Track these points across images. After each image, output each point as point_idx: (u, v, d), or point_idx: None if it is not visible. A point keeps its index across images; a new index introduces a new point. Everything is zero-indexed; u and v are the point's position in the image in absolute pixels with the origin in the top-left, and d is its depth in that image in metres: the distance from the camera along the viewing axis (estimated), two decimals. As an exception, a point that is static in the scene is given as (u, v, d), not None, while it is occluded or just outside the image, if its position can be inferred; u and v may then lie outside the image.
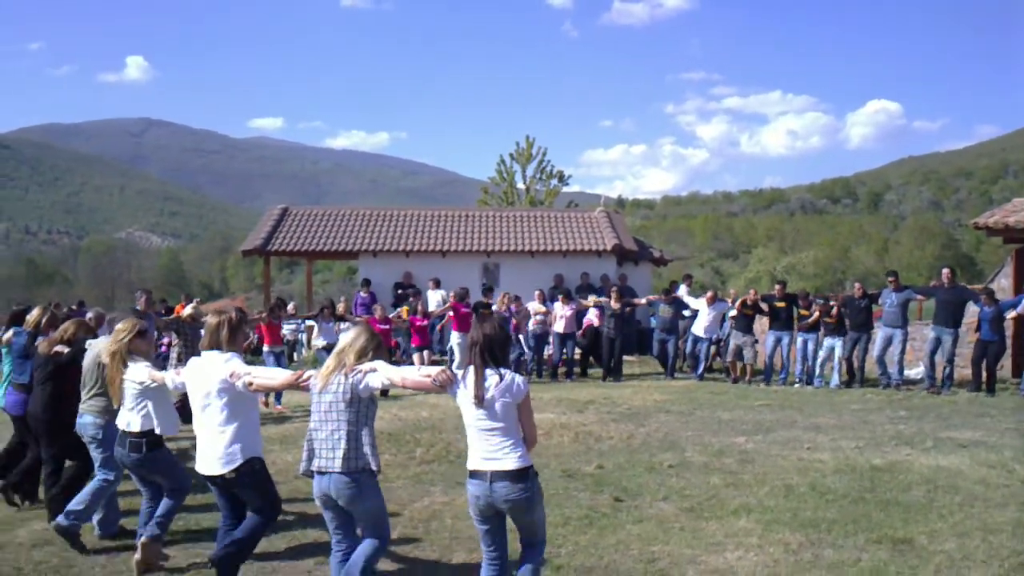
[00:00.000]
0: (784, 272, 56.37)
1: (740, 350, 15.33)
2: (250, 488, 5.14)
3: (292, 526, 6.63)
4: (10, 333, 7.81)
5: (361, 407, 4.67)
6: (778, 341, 15.16)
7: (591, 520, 6.56)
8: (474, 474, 4.47)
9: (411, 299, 17.45)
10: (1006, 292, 15.04)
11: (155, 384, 5.64)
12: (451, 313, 16.21)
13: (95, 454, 6.11)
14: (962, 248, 70.06)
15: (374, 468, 4.68)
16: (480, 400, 4.39)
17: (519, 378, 4.52)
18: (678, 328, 16.54)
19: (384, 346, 4.98)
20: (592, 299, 17.08)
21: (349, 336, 4.82)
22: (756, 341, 15.73)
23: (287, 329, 19.99)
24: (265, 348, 13.38)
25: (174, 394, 5.89)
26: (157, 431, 5.71)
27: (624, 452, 9.13)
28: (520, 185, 39.25)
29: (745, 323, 15.41)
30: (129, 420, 5.68)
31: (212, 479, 5.14)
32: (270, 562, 5.77)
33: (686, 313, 16.61)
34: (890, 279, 14.34)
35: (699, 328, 15.98)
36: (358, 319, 15.31)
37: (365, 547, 4.71)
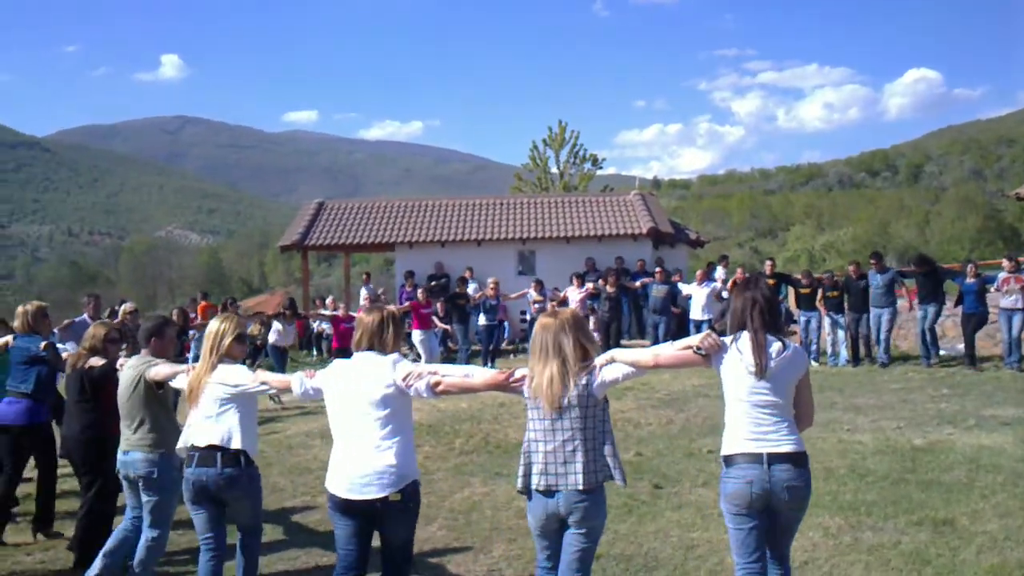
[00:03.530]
0: (823, 250, 55.78)
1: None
2: (405, 517, 4.18)
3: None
4: (8, 337, 6.93)
5: (598, 411, 3.96)
6: None
7: (630, 508, 6.61)
8: (743, 457, 3.85)
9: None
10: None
11: (262, 388, 4.78)
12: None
13: (145, 498, 5.12)
14: (1006, 219, 68.77)
15: (620, 482, 4.02)
16: (763, 369, 3.84)
17: (800, 348, 4.03)
18: (670, 310, 16.77)
19: (582, 320, 4.19)
20: (589, 286, 17.35)
21: (538, 332, 4.06)
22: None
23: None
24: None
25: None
26: (239, 447, 4.69)
27: (663, 438, 9.16)
28: (554, 170, 39.25)
29: None
30: (209, 435, 4.70)
31: (359, 506, 4.11)
32: None
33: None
34: (872, 261, 14.71)
35: (696, 310, 16.12)
36: (324, 313, 15.54)
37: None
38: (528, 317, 17.78)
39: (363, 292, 20.17)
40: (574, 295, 16.66)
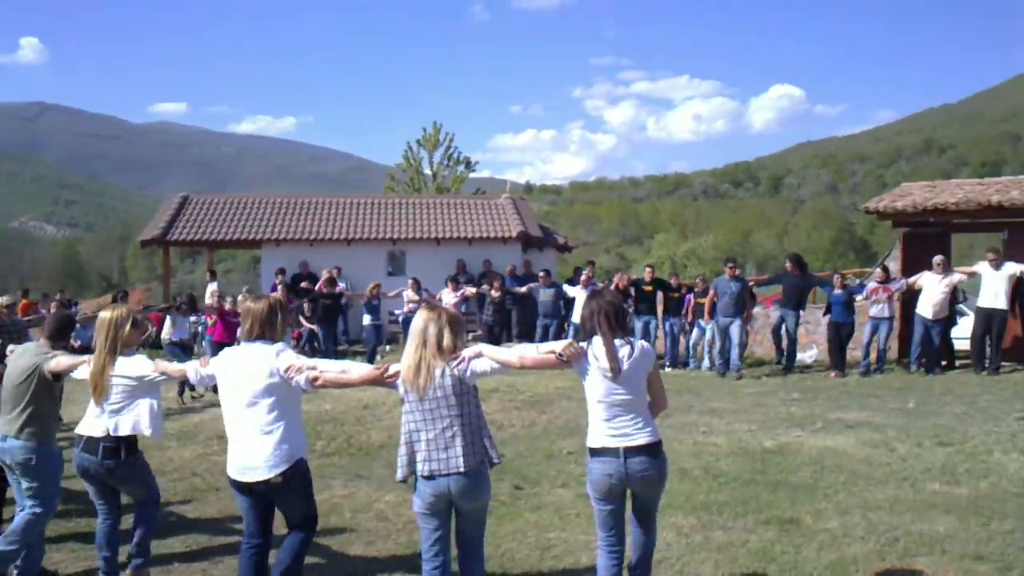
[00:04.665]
0: (684, 257, 57.43)
1: None
2: (298, 495, 4.53)
3: (191, 527, 6.54)
4: None
5: (471, 398, 4.25)
6: (646, 325, 15.47)
7: (489, 509, 6.61)
8: (603, 451, 4.24)
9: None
10: (895, 274, 15.58)
11: (162, 378, 5.04)
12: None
13: (25, 483, 5.17)
14: (857, 231, 72.35)
15: (495, 460, 4.35)
16: (617, 372, 4.17)
17: (646, 344, 4.37)
18: (560, 312, 16.92)
19: (460, 320, 4.44)
20: (469, 290, 17.52)
21: (419, 324, 4.29)
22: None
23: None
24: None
25: None
26: (148, 434, 5.05)
27: (525, 440, 9.24)
28: (427, 171, 39.23)
29: None
30: (107, 425, 4.98)
31: (251, 487, 4.47)
32: (164, 565, 5.68)
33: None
34: (729, 266, 14.66)
35: (577, 315, 16.35)
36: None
37: (479, 567, 4.46)
38: (400, 317, 17.68)
39: (209, 288, 19.62)
40: (449, 298, 16.66)
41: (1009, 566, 5.11)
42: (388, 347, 17.89)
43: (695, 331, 15.35)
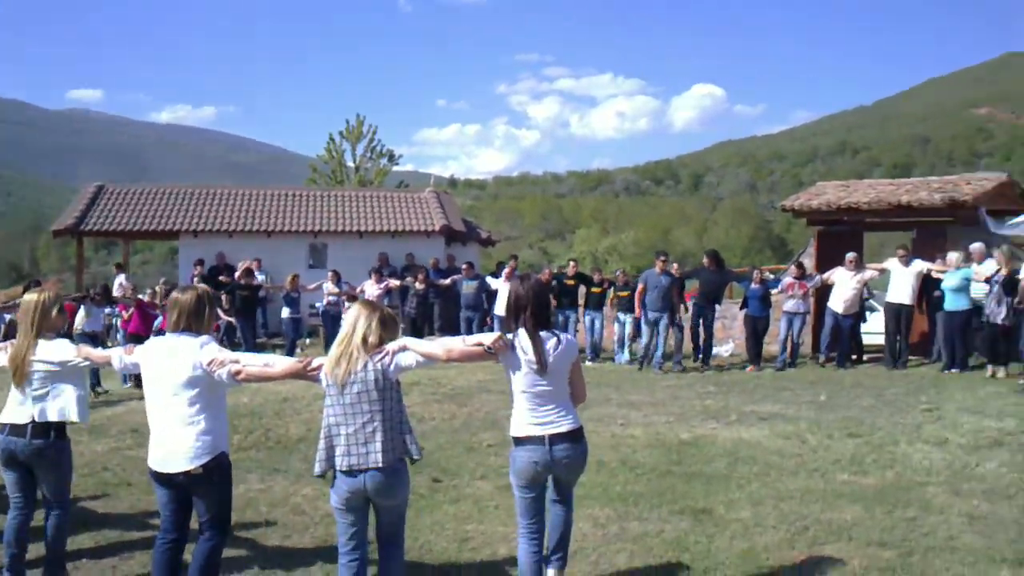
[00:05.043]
0: (606, 253, 58.05)
1: None
2: (215, 489, 4.47)
3: (102, 523, 6.39)
4: None
5: (393, 393, 4.24)
6: (567, 319, 15.65)
7: (409, 502, 6.61)
8: (528, 440, 4.35)
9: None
10: (810, 270, 15.96)
11: (85, 363, 4.98)
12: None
13: None
14: (774, 229, 73.92)
15: (415, 456, 4.32)
16: (544, 365, 4.27)
17: (571, 337, 4.49)
18: (483, 305, 17.01)
19: (395, 320, 4.49)
20: (392, 282, 17.55)
21: (351, 318, 4.31)
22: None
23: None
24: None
25: None
26: (76, 419, 4.94)
27: (446, 432, 9.25)
28: (350, 164, 38.88)
29: None
30: (32, 412, 4.86)
31: (171, 479, 4.42)
32: (73, 561, 5.53)
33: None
34: (659, 259, 14.42)
35: (500, 307, 16.46)
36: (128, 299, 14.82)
37: (398, 561, 4.46)
38: (320, 310, 17.55)
39: (117, 281, 19.18)
40: (372, 290, 16.60)
41: (911, 551, 5.29)
42: (308, 340, 17.74)
43: (615, 325, 15.55)
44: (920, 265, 13.48)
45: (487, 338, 4.31)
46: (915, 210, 14.62)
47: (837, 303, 13.84)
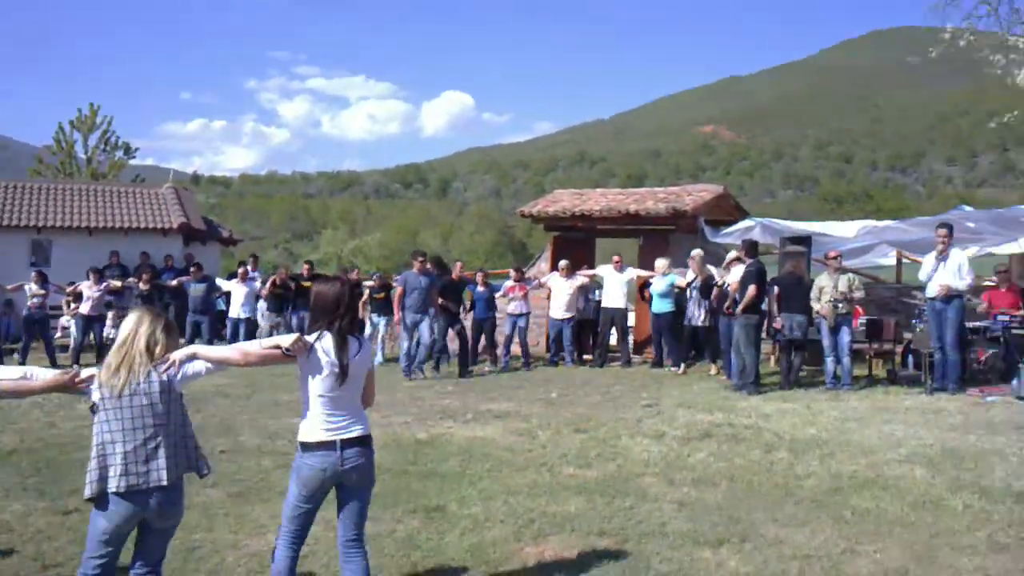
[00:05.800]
0: (352, 254, 57.78)
1: (274, 330, 15.59)
2: None
3: None
4: None
5: (178, 405, 4.04)
6: (301, 321, 15.22)
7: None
8: (320, 445, 4.15)
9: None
10: (544, 274, 16.56)
11: None
12: None
13: None
14: (516, 234, 76.25)
15: (204, 471, 4.19)
16: (346, 371, 4.12)
17: (368, 343, 4.38)
18: (213, 308, 16.67)
19: (175, 328, 4.28)
20: (113, 283, 16.81)
21: (130, 324, 4.04)
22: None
23: None
24: None
25: None
26: None
27: (175, 439, 8.85)
28: (81, 156, 36.33)
29: (276, 304, 15.99)
30: None
31: None
32: None
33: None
34: (418, 260, 13.82)
35: (235, 309, 16.19)
36: None
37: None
38: (23, 312, 16.12)
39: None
40: (90, 291, 15.58)
41: (627, 538, 5.63)
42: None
43: (368, 327, 15.40)
44: (632, 272, 14.91)
45: (285, 340, 4.14)
46: (642, 218, 15.63)
47: (555, 308, 14.80)
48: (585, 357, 15.00)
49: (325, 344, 4.18)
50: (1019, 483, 6.71)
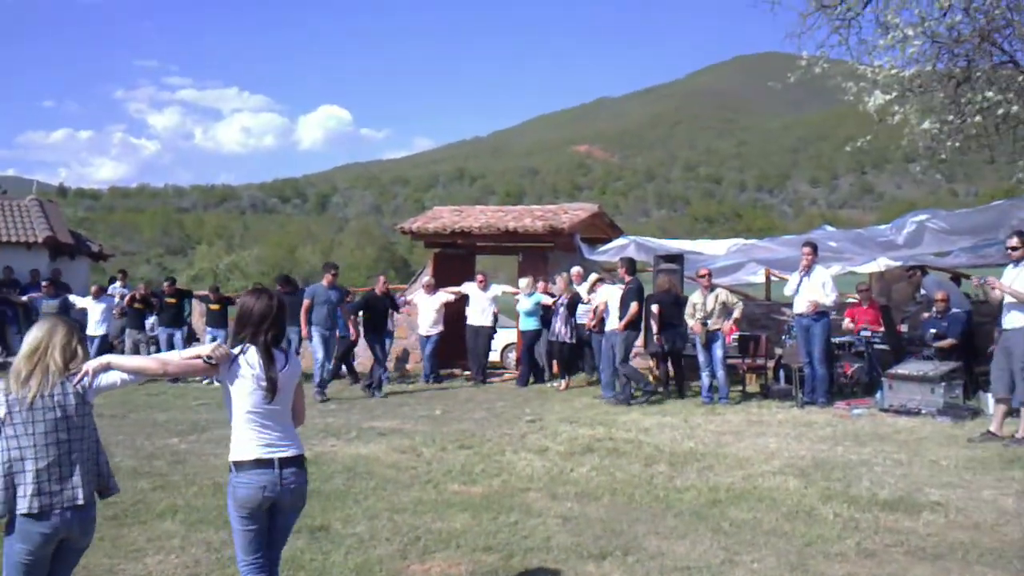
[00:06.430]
0: (228, 270, 56.54)
1: (137, 346, 15.46)
2: None
3: None
4: None
5: (90, 419, 3.79)
6: (170, 337, 15.48)
7: None
8: (256, 464, 3.99)
9: None
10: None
11: None
12: None
13: None
14: (398, 250, 76.02)
15: (115, 489, 3.97)
16: (275, 383, 3.96)
17: (296, 358, 4.24)
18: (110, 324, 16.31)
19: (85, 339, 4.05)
20: None
21: (41, 333, 3.78)
22: (150, 339, 15.99)
23: None
24: None
25: None
26: None
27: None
28: (-69, 165, 34.54)
29: (137, 319, 15.74)
30: None
31: None
32: None
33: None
34: (329, 273, 13.54)
35: (91, 326, 15.91)
36: None
37: None
38: None
39: None
40: None
41: (512, 554, 5.68)
42: None
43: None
44: (497, 289, 15.30)
45: (205, 349, 3.96)
46: (521, 235, 15.84)
47: (422, 324, 15.02)
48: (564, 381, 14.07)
49: (250, 358, 4.03)
50: (884, 492, 7.06)
